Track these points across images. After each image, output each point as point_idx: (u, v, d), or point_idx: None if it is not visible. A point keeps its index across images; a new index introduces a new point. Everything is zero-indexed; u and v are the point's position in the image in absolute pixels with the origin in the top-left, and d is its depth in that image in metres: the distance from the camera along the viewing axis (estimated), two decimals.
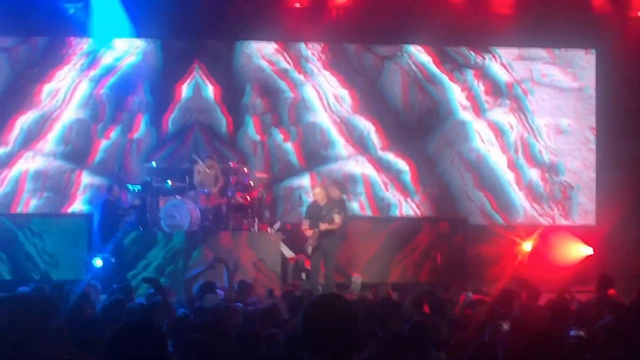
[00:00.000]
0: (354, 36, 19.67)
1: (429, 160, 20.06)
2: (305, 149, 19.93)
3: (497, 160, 20.07)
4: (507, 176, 20.01)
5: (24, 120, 19.34)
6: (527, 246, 18.67)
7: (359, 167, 19.91)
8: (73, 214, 18.81)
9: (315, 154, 19.93)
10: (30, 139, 19.33)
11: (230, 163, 18.52)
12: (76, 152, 19.39)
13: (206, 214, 17.36)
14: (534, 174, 20.08)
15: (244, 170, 18.27)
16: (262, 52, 19.94)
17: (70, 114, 19.51)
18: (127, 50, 19.73)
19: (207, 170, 17.92)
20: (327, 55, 20.01)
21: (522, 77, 20.25)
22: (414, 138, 19.99)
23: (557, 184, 20.12)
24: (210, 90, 19.76)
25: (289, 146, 19.86)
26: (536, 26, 19.17)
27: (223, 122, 19.73)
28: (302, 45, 19.99)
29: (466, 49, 20.23)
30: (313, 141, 19.98)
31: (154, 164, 18.40)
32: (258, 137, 19.76)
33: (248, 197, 17.53)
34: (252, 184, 17.76)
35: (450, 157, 20.08)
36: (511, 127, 20.18)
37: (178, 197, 17.43)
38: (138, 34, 19.36)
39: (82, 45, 19.61)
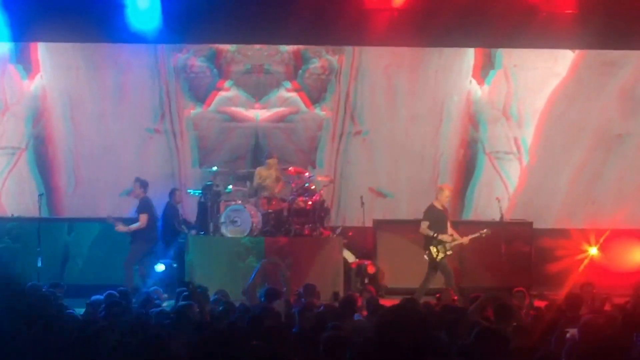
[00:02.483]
0: (414, 39, 19.31)
1: None
2: None
3: None
4: None
5: None
6: (593, 251, 18.44)
7: None
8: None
9: None
10: None
11: (290, 167, 18.46)
12: None
13: (267, 219, 17.27)
14: None
15: (304, 173, 18.06)
16: None
17: None
18: None
19: (268, 171, 17.95)
20: None
21: None
22: None
23: None
24: None
25: None
26: (603, 26, 18.70)
27: None
28: None
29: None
30: None
31: (215, 168, 18.37)
32: None
33: (310, 202, 17.31)
34: (313, 188, 17.61)
35: None
36: None
37: (239, 201, 17.43)
38: (183, 40, 19.38)
39: None
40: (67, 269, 17.72)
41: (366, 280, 17.02)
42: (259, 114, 19.73)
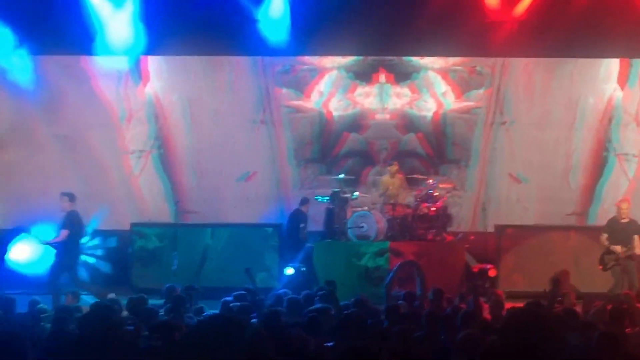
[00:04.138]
0: (534, 50, 19.77)
1: None
2: None
3: None
4: None
5: None
6: None
7: None
8: (264, 224, 19.45)
9: None
10: None
11: (415, 175, 19.00)
12: None
13: (392, 224, 17.83)
14: None
15: (428, 181, 18.49)
16: None
17: None
18: None
19: (392, 179, 18.58)
20: None
21: None
22: None
23: None
24: None
25: None
26: None
27: None
28: None
29: None
30: None
31: (342, 175, 18.93)
32: None
33: (433, 208, 17.83)
34: (437, 195, 18.12)
35: None
36: None
37: (365, 207, 18.04)
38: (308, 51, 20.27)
39: None
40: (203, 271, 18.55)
41: (487, 284, 17.33)
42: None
